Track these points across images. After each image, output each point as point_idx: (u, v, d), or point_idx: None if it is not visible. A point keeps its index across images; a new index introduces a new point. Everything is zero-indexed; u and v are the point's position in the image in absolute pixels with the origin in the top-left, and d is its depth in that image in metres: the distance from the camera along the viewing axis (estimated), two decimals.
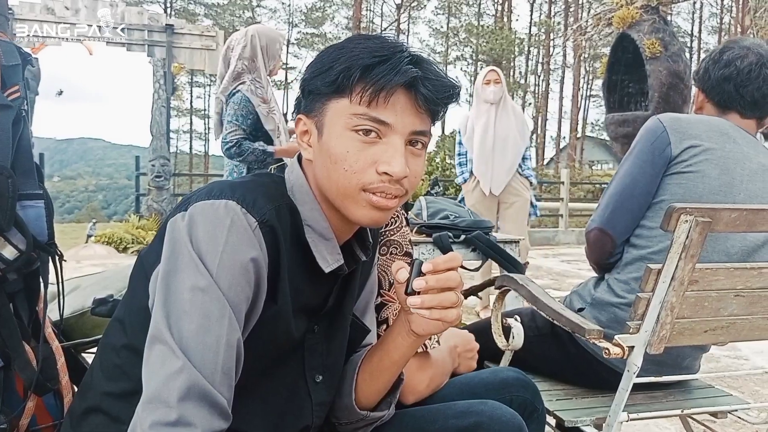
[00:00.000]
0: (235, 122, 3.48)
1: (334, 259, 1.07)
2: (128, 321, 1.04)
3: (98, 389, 1.05)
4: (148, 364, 0.90)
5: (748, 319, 1.61)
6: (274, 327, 1.02)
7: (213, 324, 0.90)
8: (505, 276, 1.98)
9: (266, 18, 43.66)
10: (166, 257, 0.94)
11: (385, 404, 1.22)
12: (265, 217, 0.97)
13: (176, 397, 0.85)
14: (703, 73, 1.94)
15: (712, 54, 1.96)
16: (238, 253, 0.93)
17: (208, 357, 0.89)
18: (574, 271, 8.28)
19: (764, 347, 4.47)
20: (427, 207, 3.15)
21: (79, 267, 7.77)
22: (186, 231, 0.94)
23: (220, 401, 0.89)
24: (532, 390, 1.40)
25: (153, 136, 11.26)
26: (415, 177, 1.04)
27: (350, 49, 1.00)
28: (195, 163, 43.99)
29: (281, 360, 1.08)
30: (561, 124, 41.72)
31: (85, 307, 1.66)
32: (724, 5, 37.81)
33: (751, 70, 1.86)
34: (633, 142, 1.89)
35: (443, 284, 0.99)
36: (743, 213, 1.48)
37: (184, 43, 11.29)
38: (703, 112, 1.96)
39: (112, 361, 1.04)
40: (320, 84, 1.01)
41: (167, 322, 0.90)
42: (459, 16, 44.18)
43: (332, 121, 1.01)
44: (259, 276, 0.96)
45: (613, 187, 1.88)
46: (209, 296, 0.90)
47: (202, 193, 0.99)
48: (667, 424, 2.98)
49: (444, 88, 1.01)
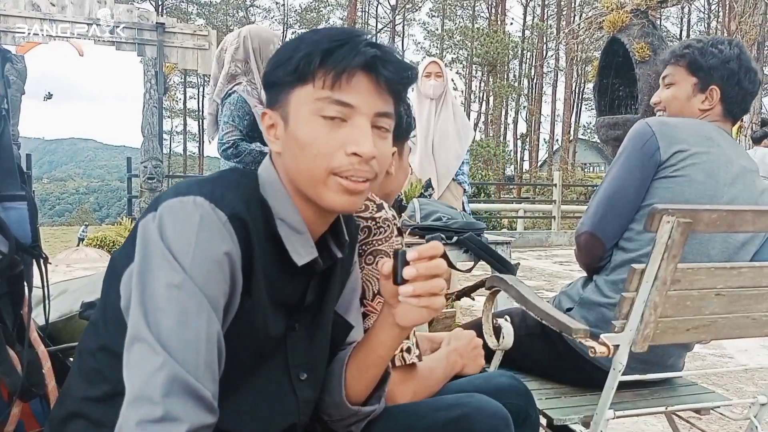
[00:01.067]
0: (231, 123, 3.47)
1: (308, 252, 1.07)
2: (102, 323, 1.04)
3: (77, 394, 1.05)
4: (129, 364, 0.89)
5: (728, 318, 1.65)
6: (252, 322, 1.02)
7: (191, 319, 0.90)
8: (495, 277, 2.01)
9: (260, 18, 43.54)
10: (139, 259, 0.94)
11: (375, 399, 1.23)
12: (234, 210, 0.97)
13: (160, 392, 0.85)
14: (730, 77, 1.91)
15: (741, 59, 1.93)
16: (211, 248, 0.93)
17: (188, 351, 0.88)
18: (566, 273, 8.33)
19: (748, 345, 4.53)
20: (420, 209, 3.19)
21: (70, 271, 7.72)
22: (157, 231, 0.94)
23: (205, 394, 0.88)
24: (526, 396, 1.41)
25: (144, 137, 11.03)
26: (384, 158, 1.06)
27: (309, 37, 1.03)
28: (189, 164, 43.75)
29: (264, 357, 1.08)
30: (554, 126, 41.78)
31: (73, 310, 1.63)
32: (712, 10, 37.96)
33: (757, 87, 1.94)
34: (621, 145, 1.90)
35: (432, 271, 1.01)
36: (723, 214, 1.52)
37: (176, 43, 10.89)
38: (710, 113, 1.95)
39: (89, 365, 1.04)
40: (282, 74, 1.03)
41: (145, 320, 0.89)
42: (454, 18, 44.23)
43: (297, 109, 1.02)
44: (233, 269, 0.96)
45: (602, 191, 1.90)
46: (185, 292, 0.90)
47: (171, 192, 0.99)
48: (653, 421, 3.02)
49: (403, 68, 1.04)
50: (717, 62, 1.91)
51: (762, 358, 4.34)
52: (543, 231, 13.91)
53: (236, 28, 4.59)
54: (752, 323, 1.70)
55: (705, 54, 1.93)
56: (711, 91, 1.93)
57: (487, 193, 16.86)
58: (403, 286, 1.02)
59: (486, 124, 40.89)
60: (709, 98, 1.94)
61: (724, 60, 1.91)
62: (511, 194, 25.77)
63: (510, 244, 3.24)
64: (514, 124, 42.39)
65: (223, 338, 0.96)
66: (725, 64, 1.91)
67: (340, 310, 1.26)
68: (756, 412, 1.84)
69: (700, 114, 1.95)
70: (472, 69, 41.07)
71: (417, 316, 1.06)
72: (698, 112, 1.96)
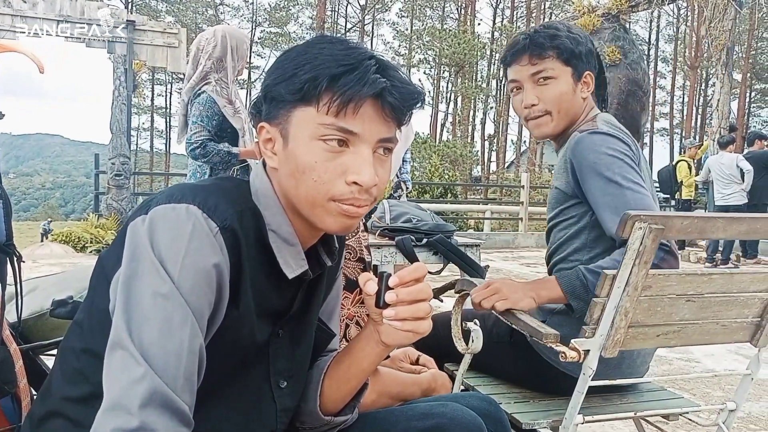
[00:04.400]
0: (200, 123, 3.47)
1: (298, 265, 1.07)
2: (88, 324, 1.02)
3: (58, 393, 1.03)
4: (109, 371, 0.89)
5: (698, 324, 1.65)
6: (238, 331, 1.01)
7: (175, 330, 0.89)
8: (464, 280, 1.99)
9: (229, 16, 43.40)
10: (126, 262, 0.93)
11: (349, 408, 1.23)
12: (226, 222, 0.96)
13: (138, 403, 0.84)
14: (595, 59, 1.90)
15: (590, 39, 1.91)
16: (200, 259, 0.93)
17: (170, 363, 0.88)
18: (533, 274, 8.40)
19: (715, 351, 4.60)
20: (390, 210, 3.17)
21: (35, 266, 7.61)
22: (147, 235, 0.93)
23: (182, 408, 0.88)
24: (501, 424, 1.35)
25: (113, 133, 11.02)
26: (383, 183, 1.04)
27: (314, 55, 0.99)
28: (156, 161, 43.39)
29: (246, 365, 1.07)
30: (521, 128, 42.11)
31: (44, 308, 1.62)
32: (681, 15, 38.69)
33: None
34: (598, 157, 1.73)
35: (414, 297, 1.00)
36: (695, 221, 1.53)
37: (146, 40, 11.00)
38: (587, 102, 1.91)
39: (71, 365, 1.03)
40: (284, 92, 1.00)
41: (128, 327, 0.88)
42: (423, 19, 44.43)
43: (298, 129, 1.00)
44: (221, 281, 0.96)
45: (632, 194, 1.68)
46: (171, 302, 0.90)
47: (163, 197, 0.98)
48: (621, 425, 3.04)
49: (410, 95, 1.01)
50: (584, 48, 1.86)
51: (728, 362, 4.41)
52: (510, 232, 14.01)
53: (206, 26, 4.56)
54: (722, 330, 1.70)
55: (573, 41, 1.84)
56: (586, 78, 1.88)
57: (454, 194, 16.95)
58: (386, 310, 1.01)
59: (453, 124, 41.15)
60: (586, 86, 1.89)
61: (585, 43, 1.87)
62: (479, 195, 25.92)
63: (479, 247, 3.23)
64: (482, 125, 42.73)
65: (208, 347, 0.95)
66: (587, 47, 1.87)
67: (322, 316, 1.25)
68: (725, 419, 1.85)
69: (583, 105, 1.90)
70: (440, 69, 41.26)
71: (402, 337, 1.06)
72: (581, 104, 1.89)
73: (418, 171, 20.87)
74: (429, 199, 15.00)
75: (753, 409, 3.46)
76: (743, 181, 9.21)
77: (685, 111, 41.89)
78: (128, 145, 11.07)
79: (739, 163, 9.23)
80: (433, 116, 42.14)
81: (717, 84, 11.73)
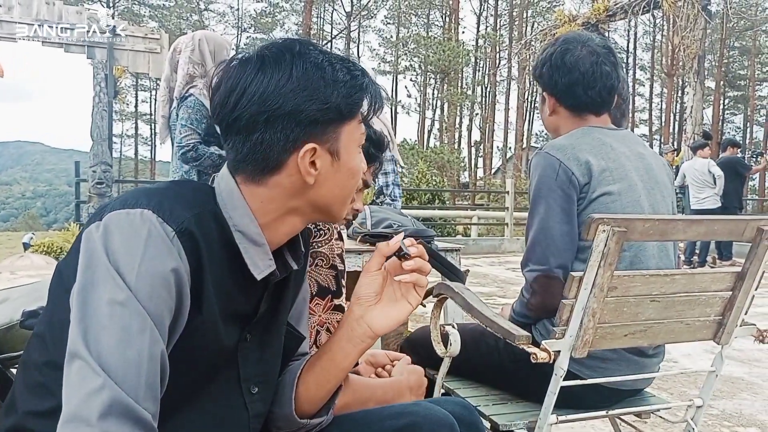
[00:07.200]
0: (190, 126, 3.43)
1: (266, 265, 1.06)
2: (49, 336, 1.00)
3: (22, 408, 1.01)
4: (68, 382, 0.87)
5: (663, 323, 1.70)
6: (203, 336, 1.00)
7: (133, 337, 0.88)
8: (442, 284, 2.03)
9: (215, 22, 43.15)
10: (81, 270, 0.92)
11: (325, 410, 1.24)
12: (182, 225, 0.95)
13: (97, 414, 0.83)
14: (548, 79, 1.98)
15: (551, 56, 1.97)
16: (157, 265, 0.91)
17: (130, 372, 0.86)
18: (519, 279, 8.43)
19: (691, 350, 4.67)
20: (371, 216, 3.20)
21: (14, 278, 7.49)
22: (101, 243, 0.92)
23: (144, 416, 0.86)
24: (475, 427, 1.35)
25: (94, 140, 10.69)
26: None
27: (336, 70, 1.04)
28: (141, 168, 43.03)
29: (216, 370, 1.07)
30: (507, 134, 42.30)
31: (14, 320, 1.55)
32: (657, 24, 39.10)
33: (594, 70, 1.93)
34: (532, 184, 1.87)
35: (422, 263, 1.14)
36: (656, 223, 1.58)
37: (127, 46, 10.63)
38: (558, 115, 2.01)
39: (34, 379, 1.01)
40: (334, 115, 1.04)
41: (85, 337, 0.87)
42: (408, 26, 44.49)
43: (348, 143, 1.08)
44: (180, 286, 0.94)
45: (536, 233, 1.84)
46: (128, 309, 0.88)
47: (118, 202, 0.97)
48: (600, 425, 3.09)
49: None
50: (539, 71, 2.03)
51: (705, 362, 4.47)
52: (496, 238, 14.09)
53: (190, 31, 4.56)
54: (686, 328, 1.76)
55: (535, 68, 2.07)
56: (548, 99, 2.04)
57: (441, 200, 16.98)
58: (408, 261, 1.13)
59: (440, 131, 41.22)
60: (549, 105, 2.04)
61: (541, 66, 2.02)
62: (466, 201, 25.98)
63: (460, 251, 3.27)
64: (468, 132, 42.81)
65: (175, 352, 0.95)
66: (542, 70, 2.01)
67: (291, 320, 1.26)
68: (692, 415, 1.90)
69: (555, 123, 2.06)
70: (426, 76, 41.36)
71: (390, 320, 1.15)
72: (553, 122, 2.06)
73: (406, 177, 20.87)
74: (417, 205, 15.02)
75: (727, 407, 3.53)
76: (716, 186, 9.43)
77: (663, 118, 42.22)
78: (110, 152, 10.83)
79: (711, 169, 9.47)
80: (420, 123, 42.17)
81: (690, 92, 11.89)
